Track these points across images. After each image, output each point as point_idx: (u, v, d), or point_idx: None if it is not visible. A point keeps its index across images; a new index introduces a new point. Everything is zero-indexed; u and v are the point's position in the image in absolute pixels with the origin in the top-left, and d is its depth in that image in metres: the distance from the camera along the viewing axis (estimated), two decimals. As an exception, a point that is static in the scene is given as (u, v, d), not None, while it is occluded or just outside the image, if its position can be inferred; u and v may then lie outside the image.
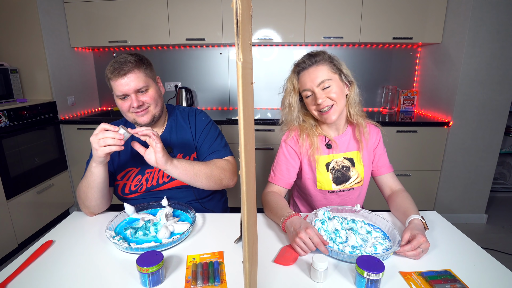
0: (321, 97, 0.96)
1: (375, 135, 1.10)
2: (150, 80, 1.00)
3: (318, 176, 1.06)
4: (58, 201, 2.31)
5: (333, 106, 0.97)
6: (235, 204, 2.11)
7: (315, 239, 0.75)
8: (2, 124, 1.83)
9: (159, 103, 1.03)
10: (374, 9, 2.18)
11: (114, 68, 0.94)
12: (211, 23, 2.27)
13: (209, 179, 0.98)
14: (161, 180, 1.06)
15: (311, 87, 0.98)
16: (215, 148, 1.08)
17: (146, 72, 0.98)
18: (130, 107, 0.98)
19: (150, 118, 1.01)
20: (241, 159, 0.40)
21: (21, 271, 0.73)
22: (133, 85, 0.95)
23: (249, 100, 0.47)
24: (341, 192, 1.09)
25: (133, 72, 0.95)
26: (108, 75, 0.96)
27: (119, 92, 0.96)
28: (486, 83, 2.04)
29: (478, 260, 0.76)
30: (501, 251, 1.92)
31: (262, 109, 2.73)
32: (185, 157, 1.08)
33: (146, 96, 0.98)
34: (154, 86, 1.02)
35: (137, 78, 0.95)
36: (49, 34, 2.18)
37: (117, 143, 0.83)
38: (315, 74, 0.97)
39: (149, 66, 1.01)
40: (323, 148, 1.07)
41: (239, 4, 0.35)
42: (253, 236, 0.56)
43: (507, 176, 2.93)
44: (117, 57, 0.97)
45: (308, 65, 0.98)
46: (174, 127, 1.11)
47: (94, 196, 0.94)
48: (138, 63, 0.96)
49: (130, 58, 0.95)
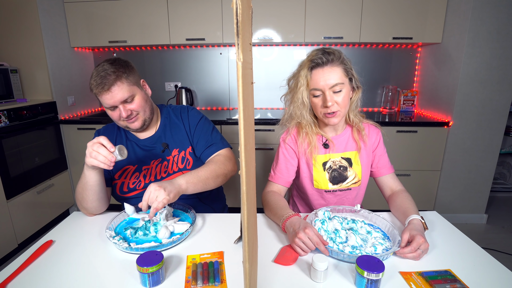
0: (331, 100, 0.93)
1: (375, 136, 1.09)
2: (134, 88, 0.98)
3: (315, 175, 1.06)
4: (58, 201, 2.31)
5: (338, 111, 0.96)
6: (235, 204, 2.11)
7: (315, 239, 0.75)
8: (2, 124, 1.83)
9: (148, 107, 1.03)
10: (374, 9, 2.18)
11: (97, 83, 0.93)
12: (211, 23, 2.27)
13: (216, 178, 1.00)
14: (159, 175, 1.07)
15: (323, 88, 0.94)
16: (213, 141, 1.10)
17: (129, 80, 0.96)
18: (120, 116, 0.98)
19: (141, 123, 1.02)
20: (241, 159, 0.40)
21: (21, 271, 0.73)
22: (118, 97, 0.94)
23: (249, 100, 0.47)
24: (338, 192, 1.08)
25: (116, 84, 0.93)
26: (93, 91, 0.95)
27: (106, 105, 0.97)
28: (486, 83, 2.04)
29: (478, 260, 0.76)
30: (501, 251, 1.92)
31: (262, 109, 2.73)
32: (180, 152, 1.09)
33: (133, 104, 0.98)
34: (140, 92, 1.00)
35: (121, 90, 0.94)
36: (49, 34, 2.18)
37: (106, 162, 0.84)
38: (329, 75, 0.93)
39: (131, 73, 0.98)
40: (320, 147, 1.07)
41: (239, 4, 0.35)
42: (253, 236, 0.56)
43: (507, 176, 2.93)
44: (98, 68, 0.94)
45: (324, 63, 0.93)
46: (168, 125, 1.12)
47: (90, 198, 0.95)
48: (119, 74, 0.94)
49: (110, 71, 0.93)
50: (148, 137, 1.09)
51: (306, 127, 1.04)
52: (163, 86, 2.73)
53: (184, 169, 1.07)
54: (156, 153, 1.08)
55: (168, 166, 1.07)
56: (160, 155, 1.08)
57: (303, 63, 0.98)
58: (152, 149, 1.08)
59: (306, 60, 0.98)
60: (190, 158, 1.09)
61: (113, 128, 1.12)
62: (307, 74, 0.96)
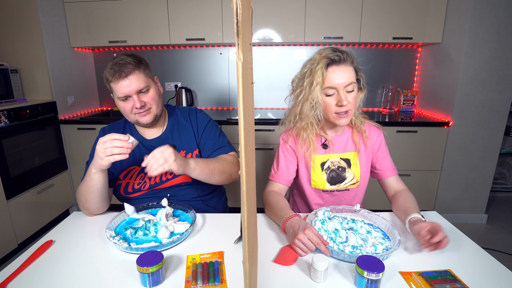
0: (346, 99, 0.91)
1: (376, 137, 1.08)
2: (150, 80, 1.01)
3: (313, 175, 1.06)
4: (58, 201, 2.31)
5: (349, 110, 0.94)
6: (235, 204, 2.11)
7: (315, 239, 0.75)
8: (2, 124, 1.83)
9: (160, 103, 1.04)
10: (374, 9, 2.18)
11: (114, 71, 0.94)
12: (211, 23, 2.27)
13: (222, 174, 1.02)
14: (164, 177, 1.07)
15: (338, 86, 0.91)
16: (220, 144, 1.11)
17: (146, 73, 0.99)
18: (132, 108, 0.98)
19: (152, 118, 1.02)
20: (241, 159, 0.40)
21: (21, 271, 0.73)
22: (134, 86, 0.95)
23: (249, 100, 0.47)
24: (336, 192, 1.08)
25: (134, 73, 0.95)
26: (108, 78, 0.96)
27: (120, 94, 0.96)
28: (486, 83, 2.04)
29: (478, 260, 0.76)
30: (501, 251, 1.92)
31: (262, 109, 2.73)
32: (187, 154, 1.09)
33: (147, 96, 0.99)
34: (154, 86, 1.03)
35: (138, 79, 0.96)
36: (49, 34, 2.18)
37: (123, 151, 0.83)
38: (344, 74, 0.91)
39: (147, 67, 1.02)
40: (319, 147, 1.06)
41: (239, 4, 0.35)
42: (253, 236, 0.56)
43: (507, 176, 2.93)
44: (115, 59, 0.96)
45: (340, 60, 0.91)
46: (175, 126, 1.12)
47: (94, 200, 0.95)
48: (138, 64, 0.97)
49: (129, 60, 0.95)
50: (155, 138, 1.09)
51: (308, 128, 1.01)
52: (163, 86, 2.73)
53: None
54: None
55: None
56: None
57: (317, 60, 0.92)
58: None
59: (320, 57, 0.92)
60: None
61: (119, 127, 1.12)
62: (323, 72, 0.91)
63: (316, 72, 0.91)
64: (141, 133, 1.10)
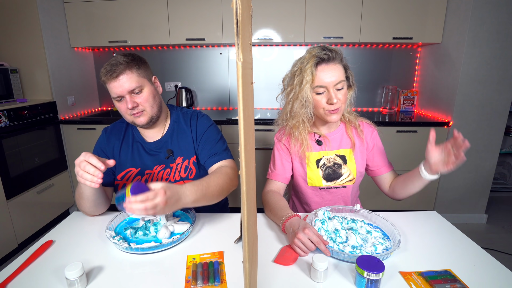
0: (336, 97, 0.93)
1: (370, 134, 1.09)
2: (144, 80, 0.98)
3: (308, 172, 1.06)
4: (58, 201, 2.31)
5: (340, 107, 0.96)
6: (235, 204, 2.11)
7: (314, 239, 0.75)
8: (2, 124, 1.83)
9: (155, 104, 1.01)
10: (374, 9, 2.18)
11: (106, 71, 0.93)
12: (211, 23, 2.27)
13: (221, 194, 0.93)
14: (164, 178, 1.06)
15: (328, 85, 0.93)
16: (216, 150, 1.06)
17: (139, 72, 0.97)
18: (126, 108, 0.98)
19: (147, 119, 1.00)
20: (241, 159, 0.40)
21: (21, 271, 0.73)
22: (126, 86, 0.94)
23: (249, 100, 0.47)
24: (333, 189, 1.08)
25: (125, 73, 0.93)
26: (102, 78, 0.95)
27: (114, 94, 0.96)
28: (486, 83, 2.03)
29: (478, 260, 0.76)
30: (501, 251, 1.92)
31: (262, 109, 2.73)
32: (184, 160, 1.07)
33: (140, 97, 0.97)
34: (149, 86, 1.00)
35: (130, 79, 0.94)
36: (49, 34, 2.18)
37: (93, 180, 0.78)
38: (334, 72, 0.93)
39: (142, 66, 0.99)
40: (313, 145, 1.07)
41: (239, 4, 0.35)
42: (253, 236, 0.56)
43: (507, 176, 2.93)
44: (111, 59, 0.96)
45: (329, 59, 0.92)
46: (175, 130, 1.10)
47: (87, 205, 0.95)
48: (130, 64, 0.95)
49: (122, 60, 0.94)
50: (155, 141, 1.07)
51: (300, 126, 1.02)
52: (163, 86, 2.73)
53: (186, 179, 1.06)
54: (160, 159, 1.06)
55: (170, 174, 1.06)
56: (164, 161, 1.06)
57: (306, 59, 0.94)
58: (157, 154, 1.07)
59: (309, 56, 0.94)
60: (193, 168, 1.07)
61: (121, 127, 1.10)
62: (313, 70, 0.93)
63: (305, 71, 0.93)
64: (142, 134, 1.09)
